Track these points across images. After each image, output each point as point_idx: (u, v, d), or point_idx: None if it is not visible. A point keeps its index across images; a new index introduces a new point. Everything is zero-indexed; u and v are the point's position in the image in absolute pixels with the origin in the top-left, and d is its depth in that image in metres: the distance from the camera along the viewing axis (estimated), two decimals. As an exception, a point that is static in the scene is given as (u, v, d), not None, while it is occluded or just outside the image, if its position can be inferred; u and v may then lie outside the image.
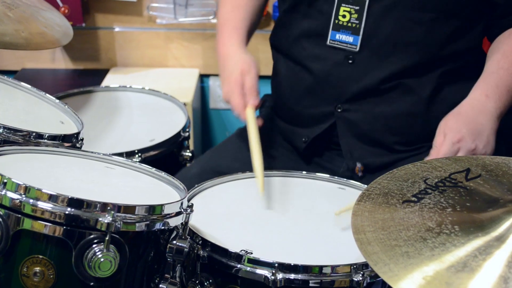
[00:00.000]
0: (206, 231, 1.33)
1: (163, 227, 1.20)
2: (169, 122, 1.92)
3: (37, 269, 1.11)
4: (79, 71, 2.73)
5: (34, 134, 1.34)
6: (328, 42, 1.64)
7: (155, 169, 1.39)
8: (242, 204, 1.47)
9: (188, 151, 1.86)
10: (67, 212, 1.10)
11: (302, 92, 1.70)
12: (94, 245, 1.12)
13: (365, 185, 1.43)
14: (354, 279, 1.23)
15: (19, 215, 1.10)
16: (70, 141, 1.41)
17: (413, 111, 1.63)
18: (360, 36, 1.59)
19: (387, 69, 1.61)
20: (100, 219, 1.11)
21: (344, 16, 1.61)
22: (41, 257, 1.11)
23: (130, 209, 1.14)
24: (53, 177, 1.24)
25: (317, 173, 1.61)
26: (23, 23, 1.58)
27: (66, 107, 1.59)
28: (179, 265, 1.24)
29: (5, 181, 1.10)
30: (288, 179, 1.59)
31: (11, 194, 1.09)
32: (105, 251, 1.11)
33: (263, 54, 1.68)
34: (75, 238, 1.11)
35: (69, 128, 1.51)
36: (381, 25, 1.59)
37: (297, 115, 1.73)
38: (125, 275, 1.17)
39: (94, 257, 1.11)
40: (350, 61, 1.63)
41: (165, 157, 1.78)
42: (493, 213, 0.99)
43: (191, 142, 1.95)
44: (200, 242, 1.28)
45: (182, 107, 1.99)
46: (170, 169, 1.70)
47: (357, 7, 1.58)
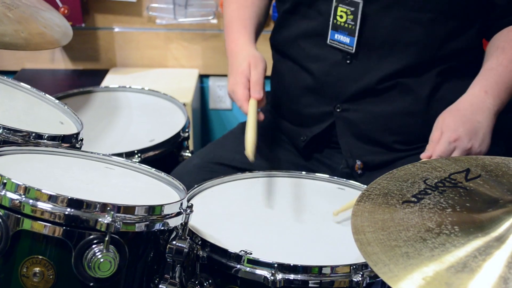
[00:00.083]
0: (206, 231, 1.33)
1: (162, 228, 1.19)
2: (168, 122, 1.92)
3: (37, 269, 1.11)
4: (79, 71, 2.73)
5: (33, 134, 1.34)
6: (328, 41, 1.64)
7: (154, 169, 1.38)
8: (241, 205, 1.47)
9: (188, 151, 1.86)
10: (66, 213, 1.10)
11: (301, 92, 1.70)
12: (94, 246, 1.11)
13: (365, 185, 1.43)
14: (353, 279, 1.23)
15: (19, 216, 1.10)
16: (70, 142, 1.41)
17: (412, 110, 1.63)
18: (356, 38, 1.59)
19: (386, 69, 1.61)
20: (100, 219, 1.11)
21: (341, 16, 1.61)
22: (40, 257, 1.11)
23: (129, 209, 1.14)
24: (52, 178, 1.24)
25: (316, 173, 1.61)
26: (22, 23, 1.57)
27: (66, 107, 1.59)
28: (178, 265, 1.24)
29: (5, 181, 1.10)
30: (288, 179, 1.59)
31: (10, 195, 1.09)
32: (104, 251, 1.11)
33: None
34: (74, 239, 1.11)
35: (69, 129, 1.51)
36: (379, 26, 1.59)
37: (296, 114, 1.73)
38: (124, 276, 1.17)
39: (93, 257, 1.11)
40: (348, 61, 1.63)
41: (164, 158, 1.78)
42: (493, 214, 0.99)
43: (190, 143, 1.95)
44: (200, 242, 1.28)
45: (182, 107, 1.99)
46: (170, 169, 1.71)
47: (352, 8, 1.58)
